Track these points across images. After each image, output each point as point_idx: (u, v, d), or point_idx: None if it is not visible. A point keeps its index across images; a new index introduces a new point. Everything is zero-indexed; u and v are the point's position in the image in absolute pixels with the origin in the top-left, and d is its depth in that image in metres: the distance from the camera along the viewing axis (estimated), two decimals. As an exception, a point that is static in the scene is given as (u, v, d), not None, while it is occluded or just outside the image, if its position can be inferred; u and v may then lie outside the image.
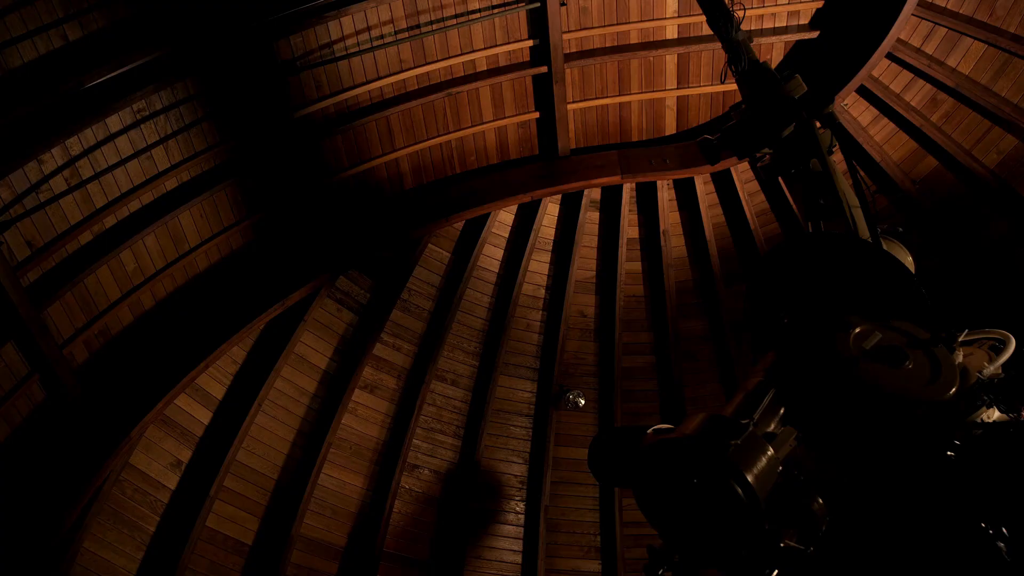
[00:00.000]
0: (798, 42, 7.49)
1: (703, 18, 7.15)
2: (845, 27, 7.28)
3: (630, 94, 7.70)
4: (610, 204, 8.19)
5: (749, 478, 1.81)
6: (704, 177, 7.94)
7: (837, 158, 3.48)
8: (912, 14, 6.78)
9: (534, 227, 8.04)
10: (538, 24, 7.03)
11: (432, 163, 7.68)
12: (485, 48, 7.08)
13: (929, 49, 7.00)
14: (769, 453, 1.92)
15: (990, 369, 2.45)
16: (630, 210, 8.16)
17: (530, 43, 7.16)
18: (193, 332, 6.68)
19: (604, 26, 7.21)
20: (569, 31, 7.15)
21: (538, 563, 7.63)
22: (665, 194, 8.01)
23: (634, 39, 7.39)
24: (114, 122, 5.75)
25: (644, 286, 8.30)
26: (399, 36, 6.72)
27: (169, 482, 6.63)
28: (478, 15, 6.84)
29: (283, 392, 7.25)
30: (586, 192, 8.02)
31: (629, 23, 7.22)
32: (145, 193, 6.17)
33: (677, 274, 8.19)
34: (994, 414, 2.37)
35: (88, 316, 6.18)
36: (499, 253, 8.21)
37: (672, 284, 8.12)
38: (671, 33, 7.38)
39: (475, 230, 7.99)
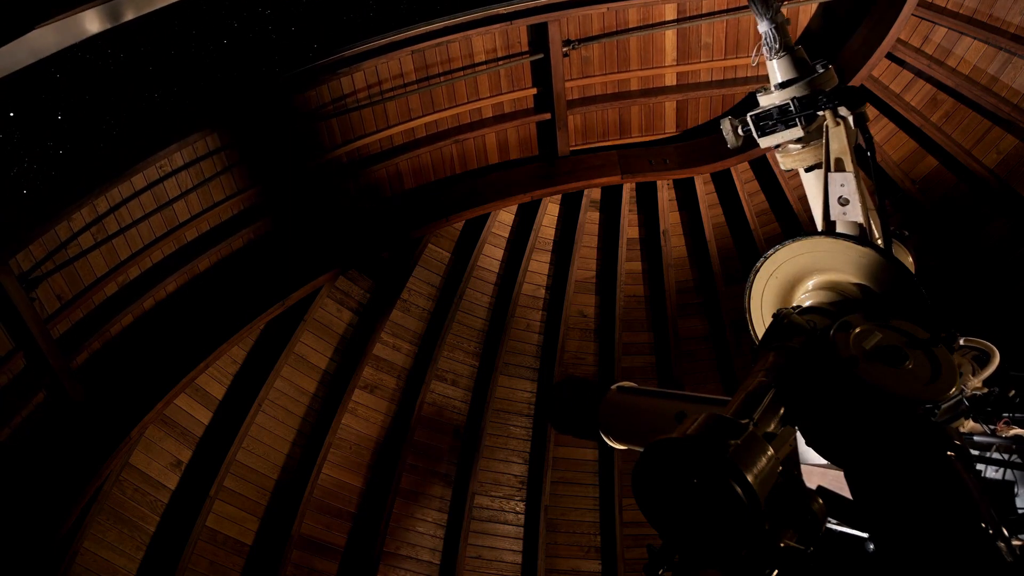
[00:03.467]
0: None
1: (701, 66, 7.37)
2: (845, 27, 7.28)
3: (631, 138, 7.89)
4: (610, 204, 8.19)
5: (749, 478, 1.81)
6: (704, 177, 7.94)
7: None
8: (912, 14, 6.79)
9: (534, 227, 8.04)
10: (542, 73, 7.27)
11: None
12: (491, 96, 7.33)
13: (929, 49, 7.00)
14: (769, 453, 1.91)
15: (974, 382, 2.39)
16: (630, 210, 8.16)
17: (534, 91, 7.38)
18: (193, 332, 6.68)
19: (605, 74, 7.43)
20: (572, 79, 7.34)
21: (538, 563, 7.63)
22: (665, 194, 8.01)
23: (634, 86, 7.62)
24: (139, 180, 5.96)
25: (644, 286, 8.30)
26: (408, 88, 6.96)
27: (169, 482, 6.63)
28: (484, 67, 7.07)
29: (283, 392, 7.25)
30: (586, 192, 8.02)
31: (630, 71, 7.45)
32: (167, 243, 6.35)
33: (677, 274, 8.19)
34: (969, 424, 2.35)
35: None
36: (499, 253, 8.21)
37: (672, 284, 8.12)
38: (670, 80, 7.58)
39: (475, 230, 7.99)
